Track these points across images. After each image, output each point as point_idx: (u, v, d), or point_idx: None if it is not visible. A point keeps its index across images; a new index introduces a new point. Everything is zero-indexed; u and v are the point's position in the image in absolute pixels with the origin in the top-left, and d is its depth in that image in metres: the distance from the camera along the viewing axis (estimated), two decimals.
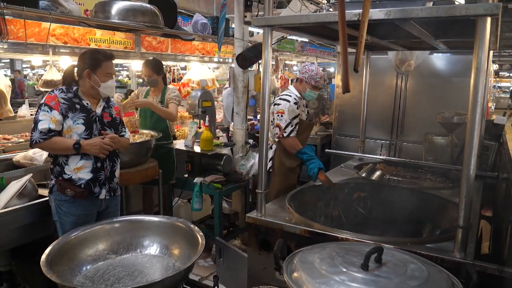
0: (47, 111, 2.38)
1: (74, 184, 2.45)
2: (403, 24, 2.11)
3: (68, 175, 2.45)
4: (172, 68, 7.68)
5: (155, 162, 3.55)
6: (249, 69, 4.14)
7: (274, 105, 3.24)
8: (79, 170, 2.46)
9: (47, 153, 2.80)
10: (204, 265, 3.66)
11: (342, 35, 1.45)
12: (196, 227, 2.33)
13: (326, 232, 2.14)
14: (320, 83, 3.27)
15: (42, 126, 2.35)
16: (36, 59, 5.10)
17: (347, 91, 1.48)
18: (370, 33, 2.75)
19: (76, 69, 2.52)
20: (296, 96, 3.27)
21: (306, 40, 9.66)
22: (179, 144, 3.90)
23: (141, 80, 5.42)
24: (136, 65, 5.33)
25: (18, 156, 3.35)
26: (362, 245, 1.86)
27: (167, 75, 7.86)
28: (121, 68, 15.84)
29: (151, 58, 4.16)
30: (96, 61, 2.48)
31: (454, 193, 2.87)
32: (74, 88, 2.49)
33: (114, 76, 2.58)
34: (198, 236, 2.24)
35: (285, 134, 3.16)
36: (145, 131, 3.70)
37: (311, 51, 9.95)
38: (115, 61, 3.12)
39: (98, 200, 2.55)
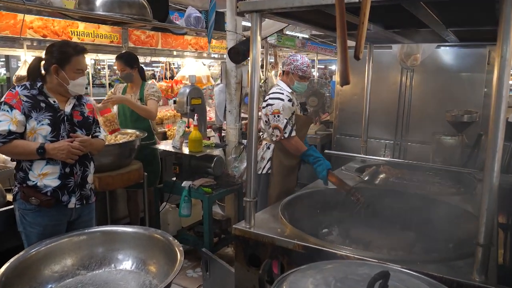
0: (7, 110, 2.10)
1: (40, 191, 2.17)
2: (411, 8, 1.83)
3: (33, 181, 2.17)
4: (170, 64, 7.40)
5: (139, 164, 3.28)
6: (243, 64, 3.86)
7: (266, 105, 2.96)
8: (45, 176, 2.18)
9: None
10: (193, 275, 3.39)
11: (339, 15, 1.17)
12: (175, 241, 2.06)
13: (323, 248, 1.86)
14: (308, 72, 3.03)
15: (1, 127, 2.08)
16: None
17: (347, 83, 1.20)
18: (372, 21, 2.47)
19: (43, 62, 2.25)
20: (288, 91, 3.01)
21: (307, 36, 9.39)
22: (167, 145, 3.62)
23: None
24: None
25: None
26: (365, 265, 1.58)
27: (167, 72, 7.62)
28: None
29: (125, 51, 3.90)
30: (65, 56, 2.19)
31: (466, 199, 2.61)
32: (39, 84, 2.21)
33: (85, 72, 2.30)
34: (177, 251, 1.98)
35: (286, 135, 2.90)
36: (129, 131, 3.43)
37: (312, 48, 9.68)
38: (103, 57, 2.82)
39: (67, 209, 2.27)
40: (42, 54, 3.82)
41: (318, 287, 1.37)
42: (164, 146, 3.60)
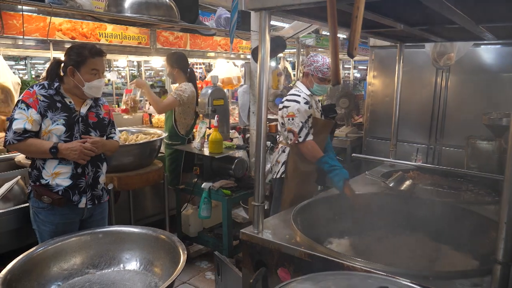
0: (24, 109, 2.16)
1: (51, 190, 2.22)
2: (430, 3, 1.70)
3: (46, 180, 2.22)
4: (203, 65, 7.43)
5: (160, 164, 3.29)
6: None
7: (283, 107, 2.87)
8: (57, 175, 2.22)
9: None
10: (211, 278, 3.36)
11: (330, 11, 1.08)
12: (181, 243, 2.03)
13: (329, 258, 1.76)
14: (329, 74, 2.84)
15: (16, 125, 2.14)
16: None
17: (338, 83, 1.11)
18: (396, 19, 2.33)
19: (62, 64, 2.30)
20: (306, 94, 2.88)
21: (344, 36, 9.13)
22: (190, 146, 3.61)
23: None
24: (157, 62, 5.13)
25: (20, 156, 3.21)
26: (370, 278, 1.48)
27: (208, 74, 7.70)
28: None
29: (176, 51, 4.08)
30: (80, 57, 2.22)
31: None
32: (56, 84, 2.25)
33: (102, 74, 2.31)
34: (181, 254, 1.95)
35: (300, 139, 2.78)
36: (151, 131, 3.46)
37: None
38: (136, 58, 2.82)
39: (79, 209, 2.31)
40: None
41: None
42: (186, 147, 3.60)
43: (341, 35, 9.07)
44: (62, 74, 2.30)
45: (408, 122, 4.28)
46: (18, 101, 2.20)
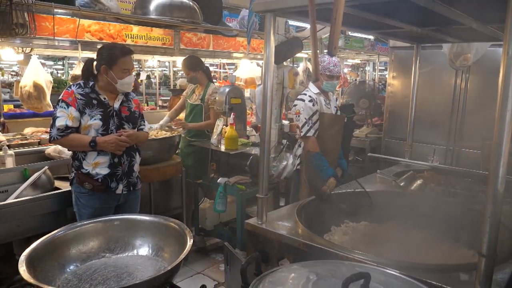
0: (64, 107, 2.39)
1: (92, 178, 2.45)
2: (424, 3, 1.75)
3: (86, 169, 2.46)
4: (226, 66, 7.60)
5: (178, 159, 3.44)
6: (289, 64, 3.89)
7: (293, 106, 3.03)
8: (97, 165, 2.46)
9: None
10: None
11: (311, 6, 1.18)
12: (189, 231, 2.15)
13: (325, 248, 1.85)
14: (335, 71, 2.94)
15: (59, 123, 2.37)
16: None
17: (317, 80, 1.20)
18: (404, 20, 2.38)
19: (95, 63, 2.51)
20: (313, 92, 2.99)
21: (371, 37, 9.04)
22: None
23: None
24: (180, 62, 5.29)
25: (50, 149, 3.44)
26: (356, 266, 1.55)
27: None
28: None
29: (188, 55, 4.17)
30: (112, 57, 2.44)
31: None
32: (91, 83, 2.47)
33: (132, 71, 2.53)
34: (188, 241, 2.07)
35: (302, 134, 2.96)
36: (173, 127, 3.62)
37: (382, 49, 9.29)
38: (157, 57, 2.98)
39: (116, 195, 2.54)
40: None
41: (295, 280, 1.38)
42: (204, 143, 3.75)
43: (369, 36, 9.01)
44: (96, 72, 2.51)
45: (427, 123, 4.26)
46: (59, 100, 2.43)
